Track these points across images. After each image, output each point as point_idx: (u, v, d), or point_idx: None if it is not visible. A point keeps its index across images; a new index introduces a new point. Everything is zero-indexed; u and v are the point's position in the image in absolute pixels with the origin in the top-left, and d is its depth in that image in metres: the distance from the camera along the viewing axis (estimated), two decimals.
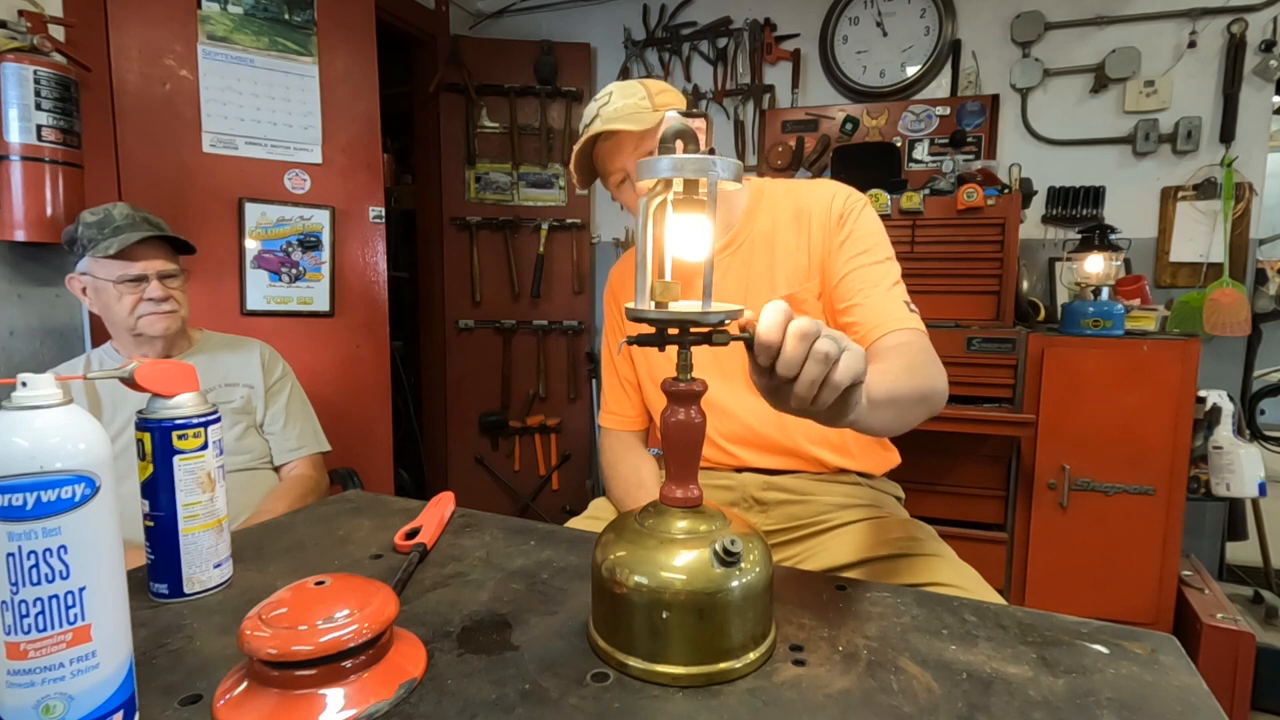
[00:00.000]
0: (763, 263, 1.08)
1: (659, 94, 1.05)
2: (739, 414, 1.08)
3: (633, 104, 1.02)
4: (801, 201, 1.08)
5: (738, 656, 0.54)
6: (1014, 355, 1.93)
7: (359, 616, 0.49)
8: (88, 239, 1.33)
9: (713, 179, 0.55)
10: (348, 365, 2.19)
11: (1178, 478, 1.82)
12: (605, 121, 1.02)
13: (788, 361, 0.54)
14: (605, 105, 1.04)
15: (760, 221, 1.10)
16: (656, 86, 1.06)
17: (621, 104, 1.03)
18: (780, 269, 1.06)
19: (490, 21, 3.12)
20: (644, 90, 1.04)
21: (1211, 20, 2.21)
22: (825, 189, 1.09)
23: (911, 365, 0.89)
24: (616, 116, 1.01)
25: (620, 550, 0.56)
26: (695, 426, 0.58)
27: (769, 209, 1.10)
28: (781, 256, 1.07)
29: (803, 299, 1.04)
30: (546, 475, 3.11)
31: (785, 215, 1.09)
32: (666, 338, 0.56)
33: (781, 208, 1.10)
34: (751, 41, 2.74)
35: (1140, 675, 0.55)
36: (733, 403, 1.08)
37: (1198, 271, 2.27)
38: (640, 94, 1.04)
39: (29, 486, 0.43)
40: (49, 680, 0.44)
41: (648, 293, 0.57)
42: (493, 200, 3.01)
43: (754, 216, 1.10)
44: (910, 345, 0.95)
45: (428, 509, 0.89)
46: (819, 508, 1.06)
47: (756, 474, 1.09)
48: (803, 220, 1.07)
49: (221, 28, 1.94)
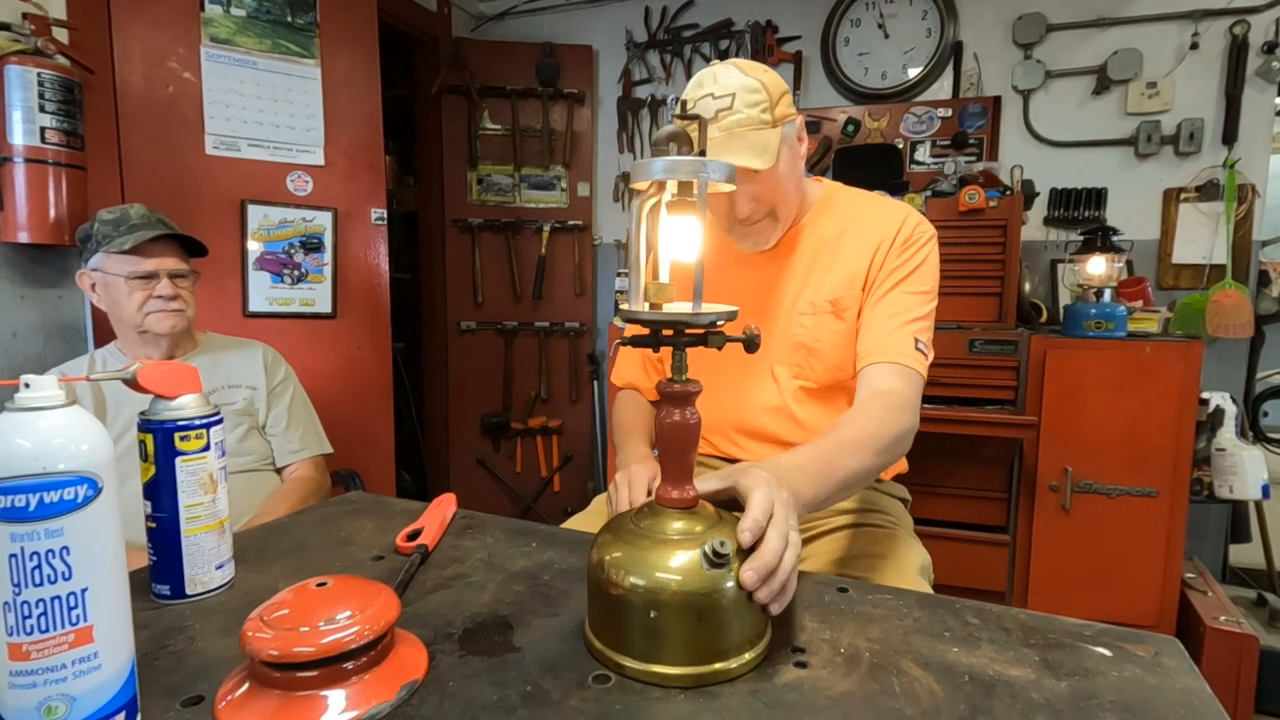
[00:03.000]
0: (819, 264, 1.07)
1: (780, 100, 0.94)
2: (752, 406, 1.08)
3: (756, 116, 0.91)
4: (876, 218, 1.07)
5: (732, 657, 0.54)
6: (1016, 357, 1.93)
7: (361, 618, 0.49)
8: (103, 235, 1.35)
9: (702, 181, 0.55)
10: (350, 367, 2.19)
11: (1180, 480, 1.82)
12: (723, 130, 0.90)
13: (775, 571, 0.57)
14: (726, 110, 0.91)
15: (825, 224, 1.08)
16: (776, 89, 0.94)
17: (745, 115, 0.91)
18: (835, 271, 1.05)
19: (492, 23, 3.13)
20: (767, 97, 0.92)
21: (1214, 22, 2.21)
22: (900, 211, 1.08)
23: (874, 436, 0.86)
24: (739, 129, 0.91)
25: (615, 551, 0.56)
26: (690, 427, 0.58)
27: (838, 214, 1.09)
28: (840, 261, 1.06)
29: (846, 305, 1.04)
30: (548, 477, 3.11)
31: (856, 225, 1.07)
32: (661, 339, 0.57)
33: (854, 217, 1.08)
34: (753, 43, 2.74)
35: (1143, 678, 0.55)
36: (748, 394, 1.08)
37: (1200, 273, 2.27)
38: (764, 101, 0.92)
39: (31, 488, 0.43)
40: (51, 681, 0.44)
41: (641, 294, 0.57)
42: (494, 202, 3.01)
43: (818, 219, 1.09)
44: (888, 400, 0.93)
45: (429, 510, 0.89)
46: (818, 512, 1.06)
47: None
48: (872, 235, 1.05)
49: (224, 30, 1.94)
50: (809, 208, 1.10)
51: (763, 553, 0.56)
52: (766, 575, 0.55)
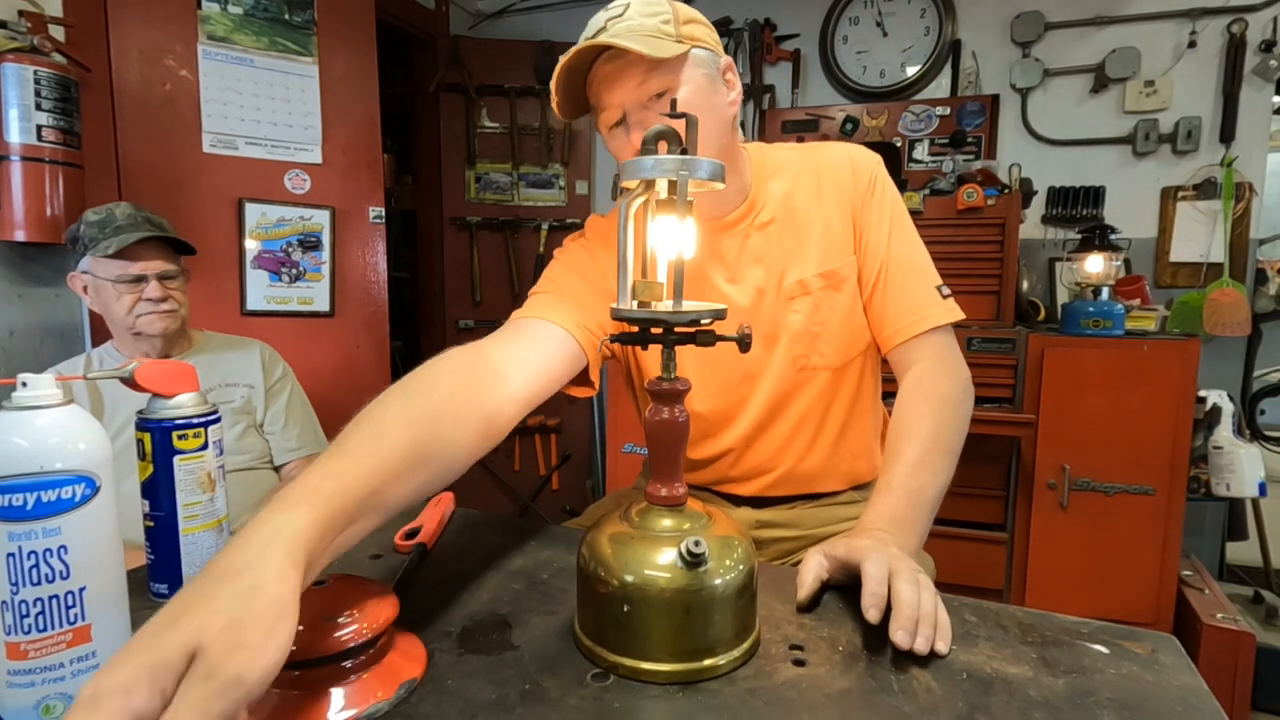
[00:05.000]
0: (792, 232, 0.95)
1: (686, 23, 0.86)
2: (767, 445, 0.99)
3: (653, 25, 0.84)
4: (817, 165, 0.97)
5: (721, 653, 0.54)
6: (1014, 355, 1.93)
7: (359, 617, 0.49)
8: (89, 238, 1.33)
9: (683, 180, 0.55)
10: (348, 365, 2.19)
11: (1178, 478, 1.82)
12: (613, 36, 0.83)
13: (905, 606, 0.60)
14: (617, 18, 0.85)
15: (774, 186, 0.96)
16: (686, 13, 0.87)
17: (639, 22, 0.84)
18: (813, 239, 0.94)
19: (490, 22, 3.12)
20: (670, 11, 0.85)
21: (1211, 20, 2.21)
22: (838, 150, 0.99)
23: (935, 437, 0.86)
24: (629, 34, 0.82)
25: (604, 548, 0.56)
26: (679, 425, 0.58)
27: (779, 172, 0.97)
28: (812, 227, 0.95)
29: (844, 275, 0.94)
30: (546, 475, 3.11)
31: (803, 180, 0.96)
32: (649, 336, 0.57)
33: (792, 171, 0.97)
34: (752, 41, 2.74)
35: (1140, 675, 0.55)
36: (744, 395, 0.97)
37: (1198, 271, 2.27)
38: (665, 13, 0.85)
39: (29, 486, 0.43)
40: (49, 680, 0.44)
41: (629, 292, 0.57)
42: (493, 200, 3.01)
43: (764, 182, 0.96)
44: (931, 381, 0.90)
45: (427, 509, 0.89)
46: (812, 540, 1.00)
47: (751, 511, 1.02)
48: (825, 185, 0.95)
49: (221, 28, 1.94)
50: (749, 175, 0.97)
51: (900, 608, 0.58)
52: (913, 628, 0.57)
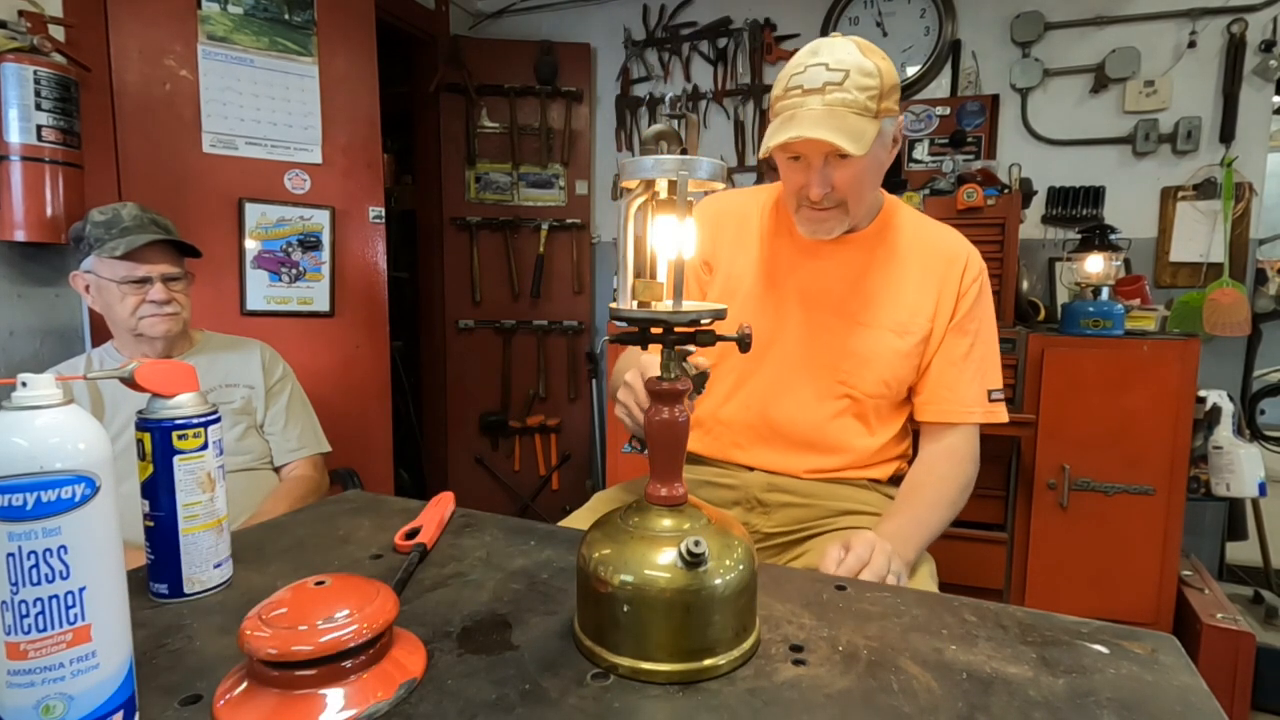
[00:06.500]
0: (878, 277, 1.05)
1: (889, 93, 0.91)
2: (783, 407, 1.06)
3: (862, 101, 0.88)
4: (932, 242, 1.06)
5: (721, 653, 0.54)
6: (1014, 355, 1.93)
7: (359, 616, 0.49)
8: (95, 238, 1.33)
9: (682, 180, 0.55)
10: (348, 365, 2.19)
11: (1178, 478, 1.82)
12: (827, 103, 0.88)
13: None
14: (836, 85, 0.88)
15: (889, 237, 1.06)
16: (889, 80, 0.91)
17: (852, 96, 0.88)
18: (899, 293, 1.04)
19: (490, 22, 3.12)
20: (879, 85, 0.89)
21: (1211, 20, 2.21)
22: (955, 240, 1.07)
23: (943, 494, 1.04)
24: (841, 109, 0.88)
25: (604, 548, 0.56)
26: (679, 425, 0.58)
27: (903, 231, 1.07)
28: (904, 283, 1.04)
29: (910, 330, 1.04)
30: (546, 475, 3.11)
31: (920, 249, 1.06)
32: (649, 336, 0.57)
33: (917, 238, 1.07)
34: (751, 41, 2.74)
35: (1140, 675, 0.55)
36: (782, 395, 1.06)
37: (1198, 271, 2.27)
38: (875, 88, 0.89)
39: (29, 486, 0.43)
40: (49, 680, 0.44)
41: (629, 292, 0.57)
42: (493, 200, 3.01)
43: (883, 229, 1.07)
44: (955, 458, 1.05)
45: (427, 509, 0.89)
46: (821, 512, 1.06)
47: (764, 474, 1.08)
48: (931, 262, 1.04)
49: (221, 28, 1.94)
50: (875, 214, 1.07)
51: (874, 567, 0.78)
52: (854, 564, 0.78)
